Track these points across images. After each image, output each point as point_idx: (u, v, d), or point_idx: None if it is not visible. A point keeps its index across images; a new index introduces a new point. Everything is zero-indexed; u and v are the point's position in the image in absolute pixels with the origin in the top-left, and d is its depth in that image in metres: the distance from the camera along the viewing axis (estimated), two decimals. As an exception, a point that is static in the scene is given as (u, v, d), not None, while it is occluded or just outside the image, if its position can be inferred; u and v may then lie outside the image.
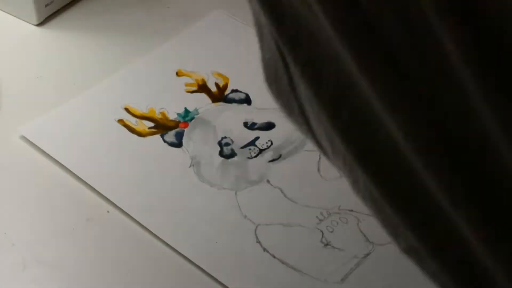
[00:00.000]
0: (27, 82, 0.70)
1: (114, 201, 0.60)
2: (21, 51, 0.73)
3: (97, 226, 0.59)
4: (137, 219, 0.59)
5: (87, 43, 0.74)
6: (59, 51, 0.73)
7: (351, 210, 0.60)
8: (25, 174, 0.62)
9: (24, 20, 0.75)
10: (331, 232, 0.58)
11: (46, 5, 0.75)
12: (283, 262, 0.56)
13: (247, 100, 0.69)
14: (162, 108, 0.67)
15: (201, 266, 0.56)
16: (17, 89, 0.68)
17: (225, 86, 0.70)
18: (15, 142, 0.64)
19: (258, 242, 0.58)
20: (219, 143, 0.65)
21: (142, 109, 0.67)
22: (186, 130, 0.66)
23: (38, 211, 0.60)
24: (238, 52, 0.73)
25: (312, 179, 0.62)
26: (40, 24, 0.75)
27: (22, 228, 0.59)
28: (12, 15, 0.76)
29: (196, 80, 0.70)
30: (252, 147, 0.64)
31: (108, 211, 0.59)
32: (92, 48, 0.74)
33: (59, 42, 0.74)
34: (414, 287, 0.54)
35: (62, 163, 0.62)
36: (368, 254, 0.57)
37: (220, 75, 0.71)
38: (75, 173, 0.61)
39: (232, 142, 0.65)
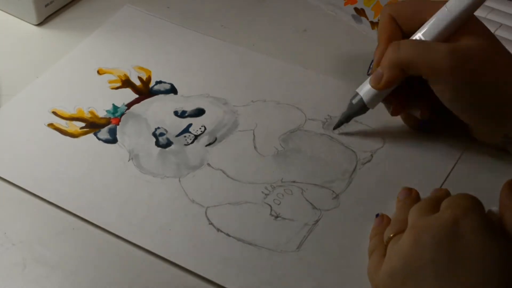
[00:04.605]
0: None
1: (60, 205, 0.59)
2: (21, 51, 0.73)
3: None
4: (87, 218, 0.59)
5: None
6: (59, 51, 0.73)
7: (294, 182, 0.62)
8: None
9: (24, 20, 0.76)
10: (278, 204, 0.60)
11: (46, 5, 0.75)
12: (238, 239, 0.58)
13: (172, 90, 0.69)
14: (90, 107, 0.67)
15: (160, 254, 0.57)
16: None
17: (149, 79, 0.70)
18: None
19: (211, 223, 0.59)
20: (154, 134, 0.65)
21: (70, 111, 0.67)
22: (118, 126, 0.66)
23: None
24: (154, 44, 0.73)
25: (250, 157, 0.64)
26: (40, 24, 0.76)
27: (22, 228, 0.59)
28: (12, 15, 0.76)
29: (118, 76, 0.70)
30: (187, 134, 0.65)
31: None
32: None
33: (59, 42, 0.74)
34: (366, 244, 0.57)
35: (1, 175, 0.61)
36: (317, 221, 0.59)
37: (141, 68, 0.71)
38: (16, 183, 0.61)
39: (166, 131, 0.65)
